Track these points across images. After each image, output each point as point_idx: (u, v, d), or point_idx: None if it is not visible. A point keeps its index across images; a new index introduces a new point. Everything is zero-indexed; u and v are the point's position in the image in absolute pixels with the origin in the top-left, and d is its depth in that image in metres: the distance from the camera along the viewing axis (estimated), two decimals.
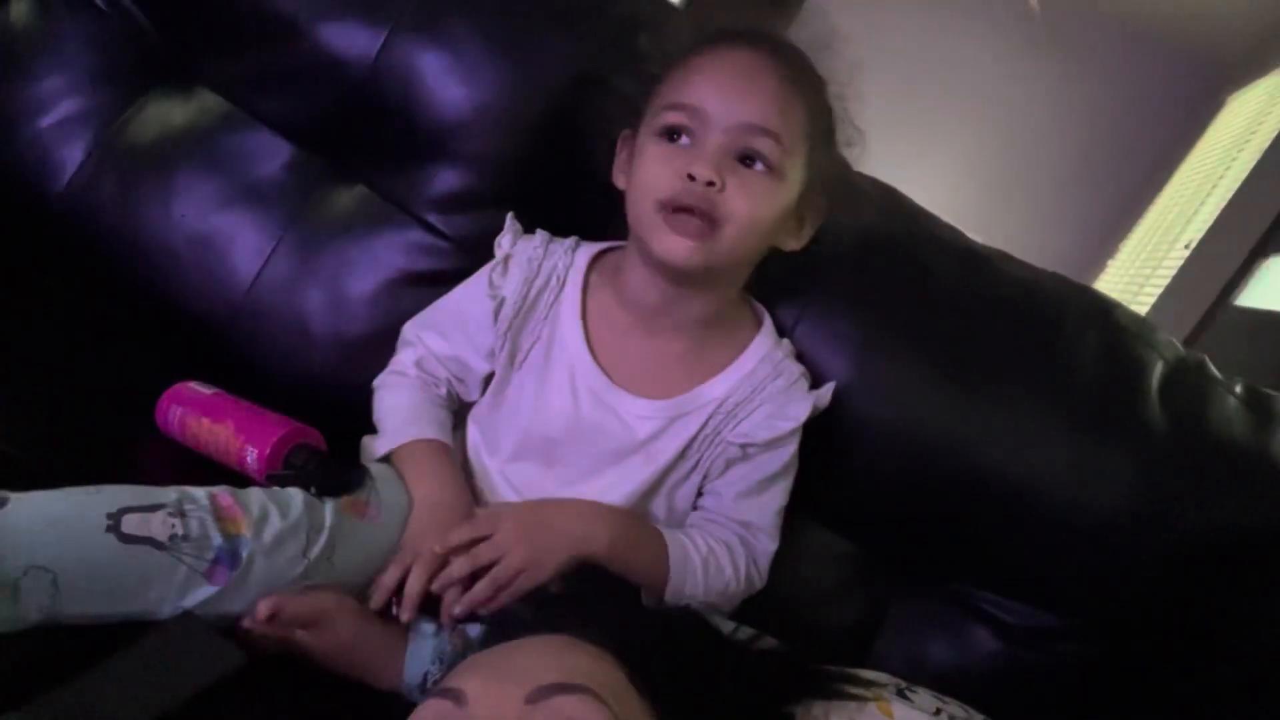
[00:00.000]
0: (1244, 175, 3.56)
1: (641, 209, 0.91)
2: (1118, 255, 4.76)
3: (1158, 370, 1.07)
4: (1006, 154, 4.94)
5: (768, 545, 1.00)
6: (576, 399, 0.97)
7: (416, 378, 1.02)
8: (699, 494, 1.01)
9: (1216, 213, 3.62)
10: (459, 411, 1.05)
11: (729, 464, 0.98)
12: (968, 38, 4.80)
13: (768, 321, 1.04)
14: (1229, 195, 3.59)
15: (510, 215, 1.04)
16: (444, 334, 1.03)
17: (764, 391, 0.98)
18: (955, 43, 4.78)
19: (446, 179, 1.15)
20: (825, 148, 0.94)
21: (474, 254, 1.11)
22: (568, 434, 0.98)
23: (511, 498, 0.99)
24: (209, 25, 1.19)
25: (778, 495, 1.01)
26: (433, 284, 1.11)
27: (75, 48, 1.20)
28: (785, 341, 1.03)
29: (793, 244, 0.98)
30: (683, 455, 0.98)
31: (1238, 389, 1.10)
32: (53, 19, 1.21)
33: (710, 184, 0.86)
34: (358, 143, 1.18)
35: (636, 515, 0.97)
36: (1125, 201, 4.85)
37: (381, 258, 1.15)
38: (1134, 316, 1.13)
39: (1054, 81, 4.81)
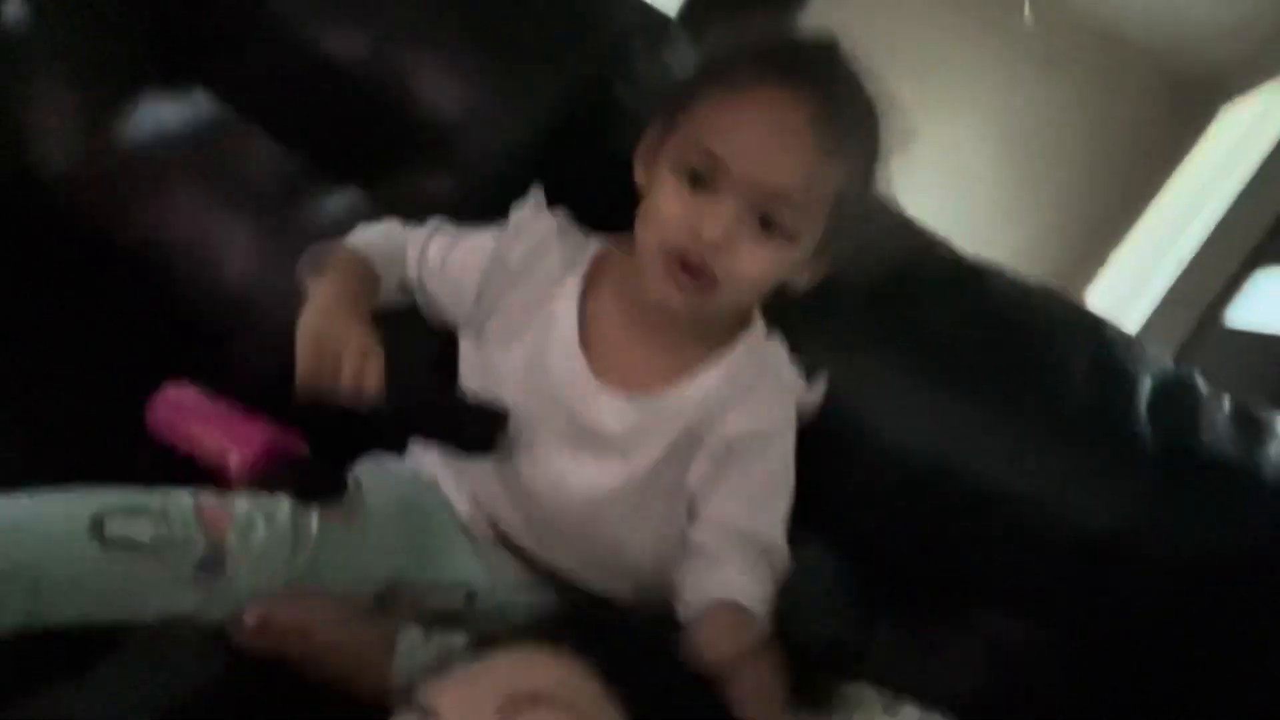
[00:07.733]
0: (1236, 189, 3.57)
1: (646, 245, 0.88)
2: (1108, 267, 4.78)
3: (1147, 386, 1.07)
4: (997, 164, 4.95)
5: (783, 558, 0.94)
6: (549, 373, 0.93)
7: (402, 231, 1.00)
8: (700, 508, 0.95)
9: (1208, 227, 3.63)
10: None
11: (723, 469, 0.93)
12: (960, 48, 4.81)
13: (759, 321, 1.00)
14: (1221, 209, 3.61)
15: (539, 188, 1.01)
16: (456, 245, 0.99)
17: (748, 388, 0.94)
18: (947, 53, 4.78)
19: (439, 183, 1.15)
20: (854, 202, 0.90)
21: None
22: (540, 406, 0.93)
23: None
24: (202, 26, 1.19)
25: (784, 503, 0.96)
26: None
27: (68, 47, 1.20)
28: (776, 339, 1.00)
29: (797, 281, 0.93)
30: (665, 462, 0.93)
31: (1226, 405, 1.10)
32: (46, 18, 1.21)
33: (715, 244, 0.83)
34: (350, 146, 1.17)
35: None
36: (1116, 213, 4.86)
37: None
38: (1122, 333, 1.13)
39: (1046, 92, 4.82)
